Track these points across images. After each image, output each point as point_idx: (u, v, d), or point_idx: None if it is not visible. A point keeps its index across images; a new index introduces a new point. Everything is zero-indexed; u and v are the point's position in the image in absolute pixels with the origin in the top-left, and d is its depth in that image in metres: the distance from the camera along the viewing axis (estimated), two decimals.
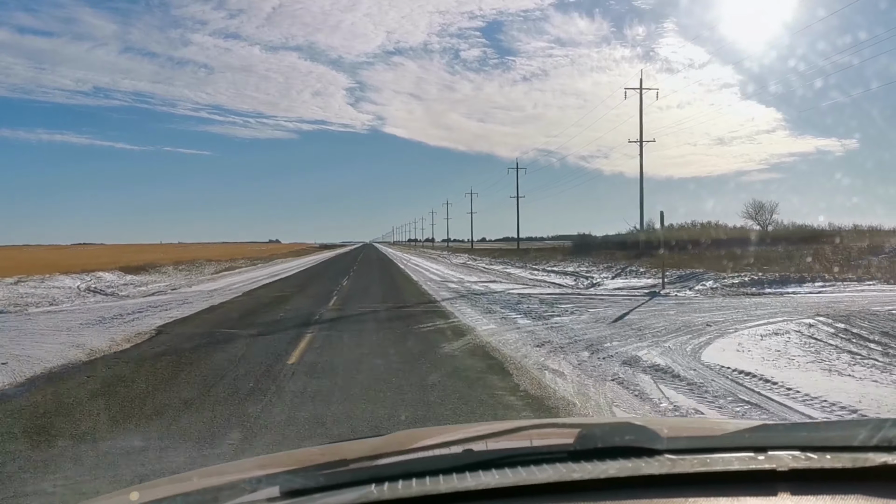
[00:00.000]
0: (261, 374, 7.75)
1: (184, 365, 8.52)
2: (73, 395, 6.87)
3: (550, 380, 7.18)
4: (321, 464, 1.26)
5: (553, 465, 1.21)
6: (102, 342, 10.32)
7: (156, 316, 14.17)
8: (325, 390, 6.82)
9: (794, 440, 1.32)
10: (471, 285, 23.10)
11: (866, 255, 24.32)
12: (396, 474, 1.18)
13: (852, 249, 26.02)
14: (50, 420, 5.93)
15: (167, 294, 21.04)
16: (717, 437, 1.47)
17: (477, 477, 1.17)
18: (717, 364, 7.70)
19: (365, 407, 6.11)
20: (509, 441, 1.36)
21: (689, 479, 1.17)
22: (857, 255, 24.36)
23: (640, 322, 11.56)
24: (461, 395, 6.52)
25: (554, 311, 13.73)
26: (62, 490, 4.09)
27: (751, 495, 1.12)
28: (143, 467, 4.46)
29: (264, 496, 1.12)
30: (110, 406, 6.38)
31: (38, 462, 4.70)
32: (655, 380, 7.03)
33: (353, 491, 1.12)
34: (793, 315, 11.57)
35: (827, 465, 1.20)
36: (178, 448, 4.93)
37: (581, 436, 1.31)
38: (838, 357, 7.94)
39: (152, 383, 7.41)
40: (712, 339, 9.51)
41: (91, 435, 5.44)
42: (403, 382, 7.13)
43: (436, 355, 8.96)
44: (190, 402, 6.40)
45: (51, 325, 12.76)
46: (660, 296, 17.01)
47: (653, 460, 1.23)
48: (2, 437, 5.41)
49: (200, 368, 8.26)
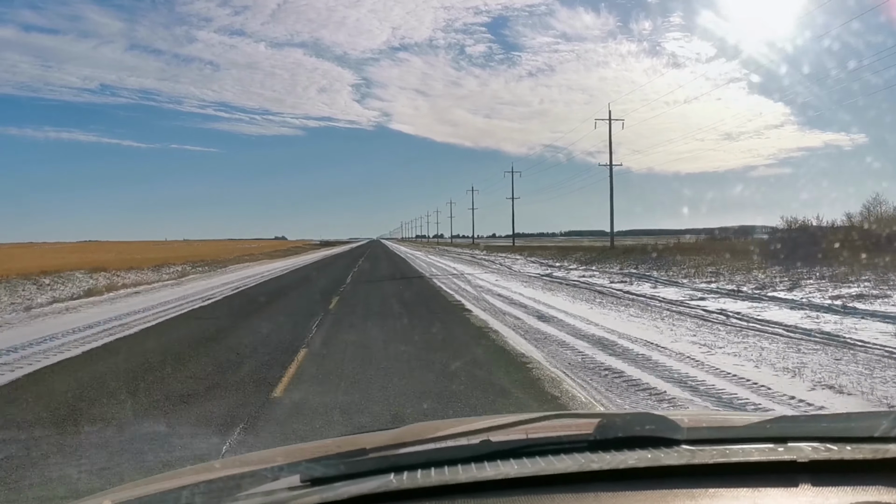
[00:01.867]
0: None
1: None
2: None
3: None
4: (341, 453, 1.24)
5: (572, 455, 1.21)
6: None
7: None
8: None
9: (815, 431, 1.32)
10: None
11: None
12: (416, 463, 1.19)
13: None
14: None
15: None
16: (737, 428, 1.47)
17: (496, 467, 1.16)
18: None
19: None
20: (529, 431, 1.35)
21: (709, 470, 1.17)
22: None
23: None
24: None
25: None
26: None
27: (771, 486, 1.12)
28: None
29: (285, 484, 1.12)
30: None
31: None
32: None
33: (373, 480, 1.12)
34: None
35: (847, 456, 1.19)
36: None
37: (601, 426, 1.31)
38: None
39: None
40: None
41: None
42: None
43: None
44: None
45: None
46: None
47: (672, 451, 1.22)
48: None
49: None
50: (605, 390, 6.60)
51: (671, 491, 1.10)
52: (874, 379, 6.77)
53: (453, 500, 1.07)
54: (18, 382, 7.52)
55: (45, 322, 13.16)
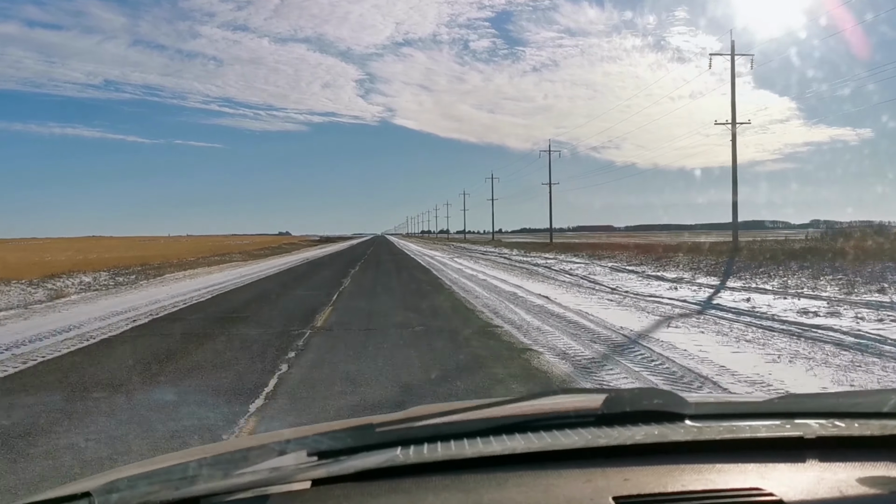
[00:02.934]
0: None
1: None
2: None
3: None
4: (349, 427, 1.28)
5: (579, 431, 1.21)
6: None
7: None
8: None
9: (822, 407, 1.32)
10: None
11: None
12: (423, 437, 1.19)
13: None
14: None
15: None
16: (744, 404, 1.47)
17: (503, 442, 1.17)
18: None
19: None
20: (535, 408, 1.37)
21: (716, 446, 1.17)
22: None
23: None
24: None
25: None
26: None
27: (779, 462, 1.12)
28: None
29: (292, 459, 1.13)
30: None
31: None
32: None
33: (380, 454, 1.13)
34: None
35: (855, 432, 1.19)
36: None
37: (608, 401, 1.31)
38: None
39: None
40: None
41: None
42: None
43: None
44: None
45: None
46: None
47: (679, 426, 1.22)
48: None
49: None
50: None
51: (678, 466, 1.10)
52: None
53: (460, 475, 1.08)
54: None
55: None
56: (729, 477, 1.08)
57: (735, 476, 1.08)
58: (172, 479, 1.08)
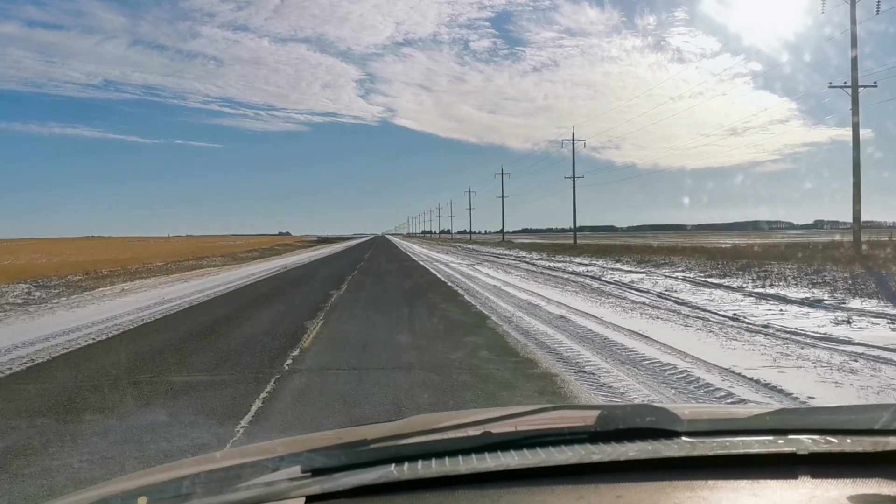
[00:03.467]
0: None
1: None
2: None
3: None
4: (342, 444, 1.30)
5: (572, 447, 1.22)
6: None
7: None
8: None
9: (815, 423, 1.32)
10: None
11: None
12: (417, 454, 1.20)
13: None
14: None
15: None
16: (737, 420, 1.47)
17: (497, 458, 1.17)
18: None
19: None
20: (529, 423, 1.38)
21: (709, 462, 1.17)
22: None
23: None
24: None
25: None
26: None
27: (771, 478, 1.12)
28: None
29: (286, 475, 1.14)
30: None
31: None
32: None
33: (373, 470, 1.14)
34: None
35: (848, 448, 1.19)
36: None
37: (601, 417, 1.31)
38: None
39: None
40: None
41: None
42: None
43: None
44: None
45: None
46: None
47: (672, 443, 1.23)
48: None
49: None
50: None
51: (671, 483, 1.11)
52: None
53: (454, 491, 1.08)
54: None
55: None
56: (721, 493, 1.08)
57: (728, 493, 1.08)
58: (166, 497, 1.09)
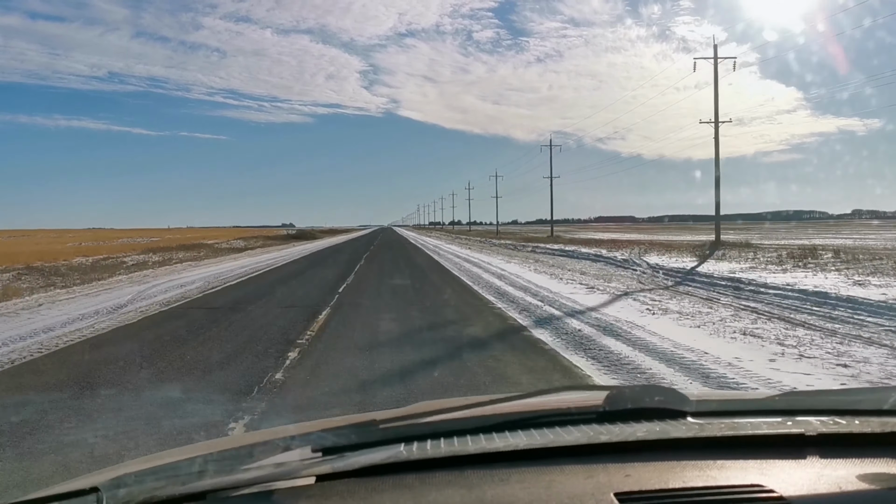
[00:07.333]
0: None
1: None
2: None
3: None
4: (353, 424, 1.29)
5: (581, 427, 1.22)
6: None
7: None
8: None
9: (823, 404, 1.33)
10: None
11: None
12: (426, 434, 1.20)
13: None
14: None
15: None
16: (746, 401, 1.48)
17: (505, 438, 1.18)
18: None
19: None
20: (538, 405, 1.38)
21: (718, 443, 1.18)
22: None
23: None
24: None
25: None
26: None
27: (779, 459, 1.13)
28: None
29: (297, 455, 1.14)
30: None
31: None
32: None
33: (383, 450, 1.14)
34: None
35: (856, 429, 1.20)
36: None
37: (610, 398, 1.31)
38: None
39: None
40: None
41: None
42: None
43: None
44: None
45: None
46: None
47: (681, 423, 1.23)
48: None
49: None
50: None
51: (680, 462, 1.11)
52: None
53: (463, 471, 1.09)
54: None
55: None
56: (730, 473, 1.08)
57: (736, 472, 1.09)
58: (179, 475, 1.09)
